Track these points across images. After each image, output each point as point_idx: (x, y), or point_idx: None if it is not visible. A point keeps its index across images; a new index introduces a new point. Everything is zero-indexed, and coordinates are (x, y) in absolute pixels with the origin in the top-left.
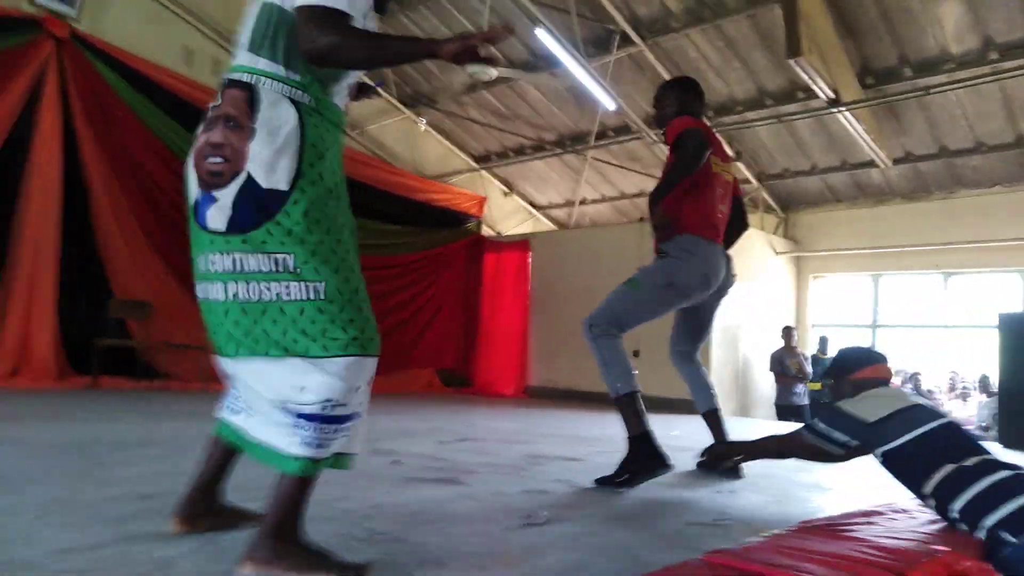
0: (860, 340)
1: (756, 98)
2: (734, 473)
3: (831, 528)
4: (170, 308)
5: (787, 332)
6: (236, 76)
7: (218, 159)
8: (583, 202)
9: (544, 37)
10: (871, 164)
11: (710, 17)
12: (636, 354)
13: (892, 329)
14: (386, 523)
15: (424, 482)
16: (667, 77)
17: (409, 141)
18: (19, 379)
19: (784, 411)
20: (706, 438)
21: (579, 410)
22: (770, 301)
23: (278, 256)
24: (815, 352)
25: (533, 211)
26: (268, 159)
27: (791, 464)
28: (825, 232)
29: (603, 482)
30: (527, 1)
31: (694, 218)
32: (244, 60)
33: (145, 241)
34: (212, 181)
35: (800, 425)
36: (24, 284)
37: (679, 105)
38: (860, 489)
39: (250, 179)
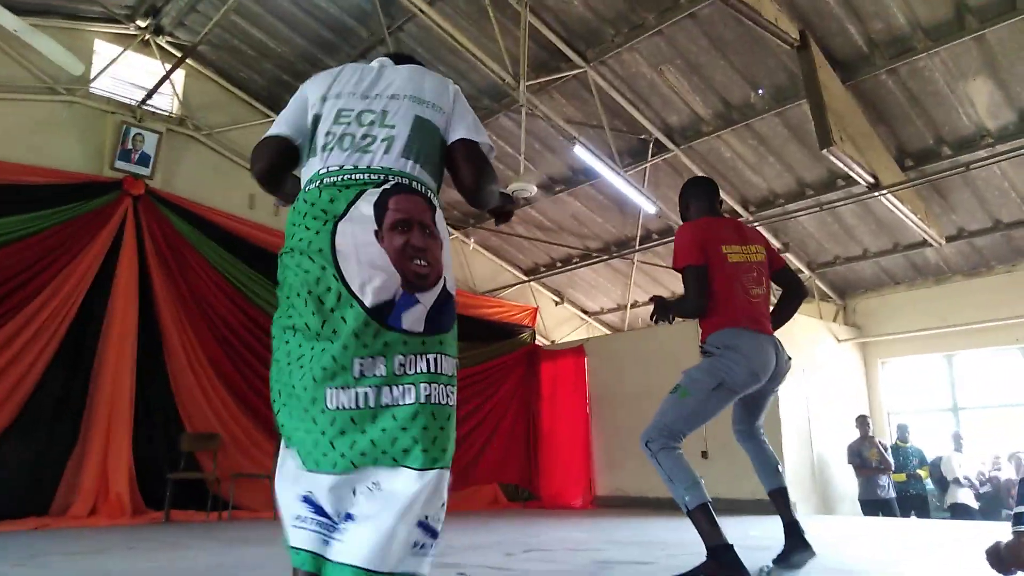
0: (940, 425)
1: (796, 190)
2: (807, 550)
3: None
4: (238, 438)
5: (861, 421)
6: (404, 182)
7: (424, 263)
8: (634, 305)
9: (582, 152)
10: (924, 244)
11: (739, 118)
12: (704, 455)
13: (974, 411)
14: None
15: None
16: None
17: (459, 260)
18: (97, 518)
19: (869, 506)
20: (782, 537)
21: (651, 516)
22: (839, 391)
23: (454, 361)
24: (895, 441)
25: (586, 318)
26: (450, 268)
27: (878, 559)
28: (887, 315)
29: None
30: (561, 121)
31: (727, 312)
32: (401, 166)
33: (214, 375)
34: (418, 283)
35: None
36: (102, 424)
37: (688, 209)
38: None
39: (446, 285)
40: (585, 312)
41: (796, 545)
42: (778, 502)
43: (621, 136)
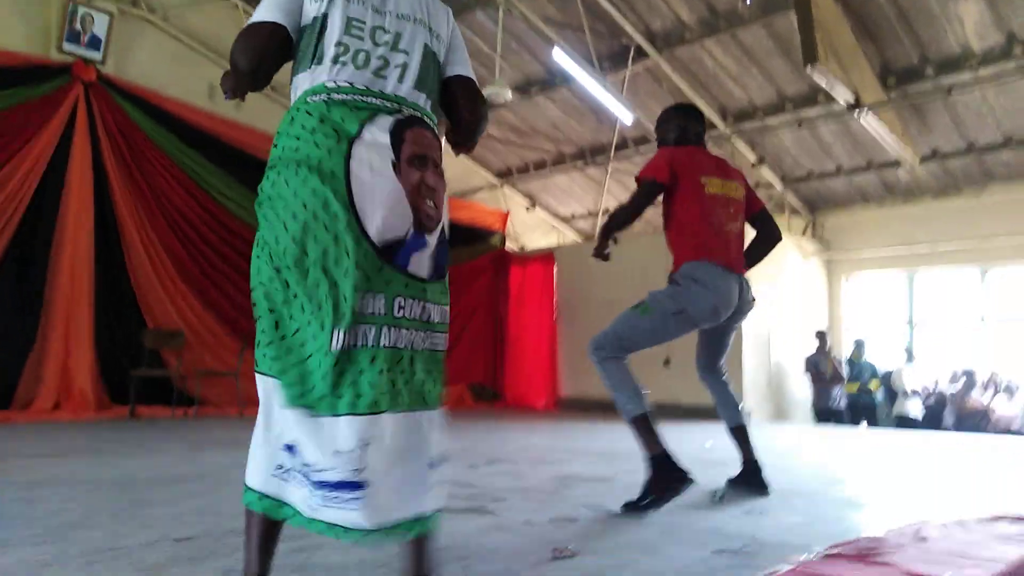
0: (896, 340)
1: (776, 103)
2: (762, 489)
3: (860, 555)
4: (202, 336)
5: (821, 336)
6: (417, 115)
7: (433, 204)
8: (606, 212)
9: (560, 56)
10: (898, 164)
11: (724, 27)
12: (667, 363)
13: (929, 327)
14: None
15: (453, 513)
16: (684, 87)
17: None
18: (60, 412)
19: (822, 414)
20: (737, 454)
21: (611, 421)
22: (801, 304)
23: (446, 308)
24: (850, 355)
25: (556, 224)
26: (447, 211)
27: (825, 477)
28: (855, 233)
29: (630, 507)
30: (540, 21)
31: (696, 245)
32: (414, 98)
33: (175, 271)
34: (428, 224)
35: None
36: (61, 319)
37: (664, 136)
38: (895, 505)
39: (444, 229)
40: (557, 217)
41: (752, 483)
42: (739, 438)
43: (602, 40)
